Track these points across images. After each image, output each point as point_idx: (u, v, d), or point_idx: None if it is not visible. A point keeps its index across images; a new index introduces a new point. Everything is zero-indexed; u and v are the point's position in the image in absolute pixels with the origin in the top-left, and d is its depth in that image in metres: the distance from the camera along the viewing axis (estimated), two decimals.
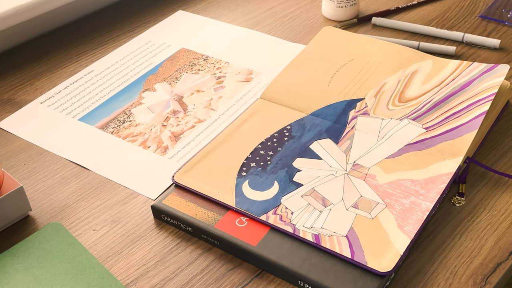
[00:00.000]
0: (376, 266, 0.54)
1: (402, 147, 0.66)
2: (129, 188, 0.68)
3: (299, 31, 0.92)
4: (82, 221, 0.64)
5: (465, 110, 0.68)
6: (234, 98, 0.80)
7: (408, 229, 0.57)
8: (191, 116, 0.77)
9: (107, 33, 0.95)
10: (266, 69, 0.84)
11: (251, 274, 0.58)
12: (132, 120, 0.77)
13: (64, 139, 0.75)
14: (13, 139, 0.76)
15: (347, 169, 0.64)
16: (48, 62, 0.90)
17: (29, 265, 0.59)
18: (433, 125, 0.68)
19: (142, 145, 0.73)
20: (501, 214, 0.61)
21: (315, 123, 0.70)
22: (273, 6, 0.99)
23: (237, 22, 0.96)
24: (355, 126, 0.69)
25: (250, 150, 0.67)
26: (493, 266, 0.56)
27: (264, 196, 0.62)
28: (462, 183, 0.64)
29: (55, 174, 0.70)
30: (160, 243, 0.61)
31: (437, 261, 0.57)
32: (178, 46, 0.91)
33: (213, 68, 0.86)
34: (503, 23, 0.89)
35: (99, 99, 0.82)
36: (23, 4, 0.87)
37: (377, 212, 0.59)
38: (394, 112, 0.71)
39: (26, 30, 0.93)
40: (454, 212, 0.62)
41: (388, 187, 0.62)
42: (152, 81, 0.84)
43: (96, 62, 0.89)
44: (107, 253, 0.61)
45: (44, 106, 0.81)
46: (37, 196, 0.68)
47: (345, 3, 0.92)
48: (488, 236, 0.59)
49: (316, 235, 0.57)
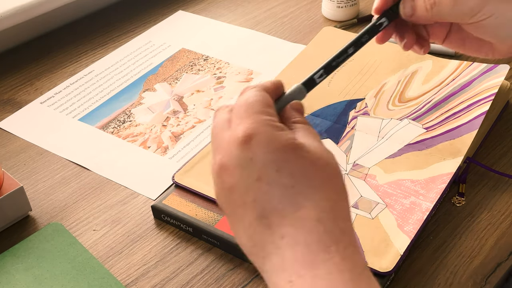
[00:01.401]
0: (376, 266, 0.54)
1: (402, 147, 0.66)
2: (129, 188, 0.68)
3: (299, 31, 0.92)
4: (82, 221, 0.64)
5: (465, 110, 0.68)
6: (234, 98, 0.79)
7: (408, 229, 0.57)
8: (191, 116, 0.77)
9: (107, 33, 0.95)
10: (266, 69, 0.84)
11: (251, 274, 0.58)
12: (132, 120, 0.77)
13: (64, 139, 0.75)
14: (13, 139, 0.76)
15: (347, 169, 0.64)
16: (48, 62, 0.90)
17: (29, 265, 0.59)
18: (433, 125, 0.68)
19: (142, 145, 0.73)
20: (501, 214, 0.61)
21: (315, 123, 0.70)
22: (273, 6, 0.99)
23: (237, 22, 0.96)
24: (355, 126, 0.69)
25: None
26: (493, 266, 0.56)
27: None
28: (462, 183, 0.64)
29: (55, 174, 0.70)
30: (160, 243, 0.61)
31: (437, 261, 0.57)
32: (178, 46, 0.91)
33: (213, 68, 0.86)
34: None
35: (99, 99, 0.82)
36: (23, 4, 0.87)
37: (377, 212, 0.59)
38: (394, 112, 0.71)
39: (26, 30, 0.93)
40: (454, 212, 0.62)
41: (388, 187, 0.62)
42: (152, 81, 0.84)
43: (96, 62, 0.89)
44: (107, 253, 0.61)
45: (44, 106, 0.81)
46: (37, 196, 0.68)
47: (345, 3, 0.92)
48: (488, 236, 0.59)
49: None
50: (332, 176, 0.41)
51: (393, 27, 0.57)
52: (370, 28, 0.55)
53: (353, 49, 0.54)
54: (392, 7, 0.56)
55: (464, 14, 0.55)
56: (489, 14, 0.54)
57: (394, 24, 0.57)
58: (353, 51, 0.53)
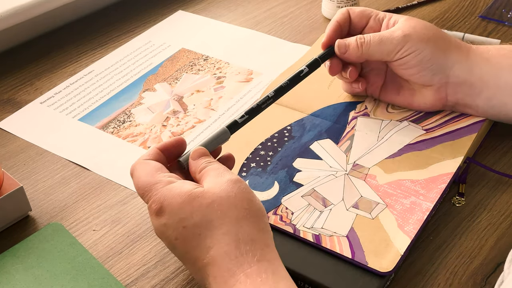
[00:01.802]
0: (377, 266, 0.54)
1: (402, 147, 0.66)
2: (129, 188, 0.68)
3: (299, 31, 0.92)
4: (82, 221, 0.64)
5: (464, 115, 0.68)
6: (234, 98, 0.80)
7: (408, 229, 0.57)
8: (191, 116, 0.77)
9: (107, 33, 0.95)
10: (266, 70, 0.84)
11: None
12: (132, 120, 0.77)
13: (64, 139, 0.75)
14: (13, 139, 0.76)
15: (347, 169, 0.64)
16: (48, 62, 0.90)
17: (29, 265, 0.59)
18: (433, 127, 0.68)
19: (142, 145, 0.73)
20: (501, 214, 0.61)
21: (315, 123, 0.70)
22: (273, 6, 0.99)
23: (237, 22, 0.96)
24: (355, 127, 0.69)
25: (250, 150, 0.67)
26: (493, 266, 0.56)
27: (265, 196, 0.62)
28: (462, 183, 0.64)
29: (55, 174, 0.70)
30: (160, 243, 0.61)
31: (437, 261, 0.57)
32: (178, 46, 0.91)
33: (213, 68, 0.86)
34: (503, 23, 0.89)
35: (99, 99, 0.82)
36: (23, 4, 0.87)
37: (377, 212, 0.59)
38: (393, 115, 0.71)
39: (26, 30, 0.93)
40: (454, 212, 0.62)
41: (388, 187, 0.62)
42: (152, 81, 0.84)
43: (96, 62, 0.89)
44: (107, 253, 0.61)
45: (44, 106, 0.81)
46: (37, 196, 0.68)
47: (345, 3, 0.92)
48: (488, 236, 0.59)
49: (317, 235, 0.57)
50: (227, 209, 0.49)
51: (338, 65, 0.69)
52: (293, 76, 0.67)
53: (273, 93, 0.65)
54: (330, 47, 0.69)
55: (389, 51, 0.65)
56: (410, 51, 0.65)
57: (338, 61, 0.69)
58: (273, 95, 0.64)
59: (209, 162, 0.54)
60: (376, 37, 0.65)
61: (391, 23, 0.68)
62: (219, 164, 0.54)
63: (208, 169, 0.53)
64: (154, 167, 0.53)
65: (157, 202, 0.50)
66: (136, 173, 0.54)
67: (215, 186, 0.50)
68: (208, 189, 0.50)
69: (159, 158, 0.55)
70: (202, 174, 0.53)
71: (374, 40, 0.65)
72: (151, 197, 0.51)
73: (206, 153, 0.56)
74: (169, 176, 0.52)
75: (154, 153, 0.55)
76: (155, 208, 0.50)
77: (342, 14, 0.69)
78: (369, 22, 0.69)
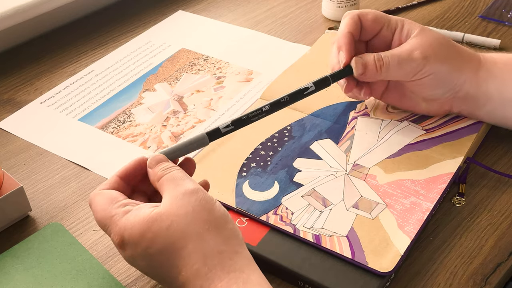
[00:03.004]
0: (377, 266, 0.54)
1: (403, 147, 0.66)
2: None
3: (299, 31, 0.92)
4: (82, 221, 0.64)
5: (463, 116, 0.69)
6: (234, 98, 0.80)
7: (408, 229, 0.57)
8: (191, 116, 0.77)
9: (107, 33, 0.95)
10: (266, 69, 0.84)
11: None
12: (132, 120, 0.77)
13: (64, 139, 0.75)
14: (13, 139, 0.76)
15: (347, 169, 0.64)
16: (48, 62, 0.90)
17: (29, 265, 0.59)
18: (433, 127, 0.68)
19: (142, 145, 0.73)
20: (501, 214, 0.61)
21: (315, 123, 0.70)
22: (273, 6, 0.99)
23: (237, 22, 0.96)
24: (355, 127, 0.69)
25: (250, 150, 0.67)
26: (493, 267, 0.56)
27: (265, 196, 0.62)
28: (462, 183, 0.64)
29: (55, 174, 0.70)
30: None
31: (437, 261, 0.57)
32: (178, 46, 0.91)
33: (213, 68, 0.86)
34: (503, 23, 0.89)
35: (99, 99, 0.82)
36: (23, 4, 0.87)
37: (377, 212, 0.59)
38: (393, 115, 0.71)
39: (26, 30, 0.93)
40: (454, 212, 0.62)
41: (388, 187, 0.62)
42: (152, 81, 0.84)
43: (96, 62, 0.89)
44: (107, 253, 0.61)
45: (44, 106, 0.81)
46: (37, 196, 0.68)
47: (345, 3, 0.92)
48: (488, 236, 0.59)
49: (317, 235, 0.57)
50: (187, 227, 0.49)
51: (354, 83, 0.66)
52: (294, 92, 0.63)
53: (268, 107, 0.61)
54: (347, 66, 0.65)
55: (407, 74, 0.64)
56: (428, 73, 0.63)
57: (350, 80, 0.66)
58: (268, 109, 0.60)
59: (166, 169, 0.53)
60: (395, 59, 0.63)
61: (404, 35, 0.65)
62: (177, 171, 0.53)
63: (165, 179, 0.52)
64: (108, 198, 0.52)
65: (118, 235, 0.50)
66: (93, 207, 0.53)
67: (172, 203, 0.50)
68: (165, 209, 0.49)
69: (117, 186, 0.54)
70: (160, 184, 0.52)
71: (394, 63, 0.63)
72: (111, 231, 0.51)
73: (164, 159, 0.54)
74: (125, 205, 0.51)
75: (111, 182, 0.54)
76: (117, 241, 0.50)
77: (354, 22, 0.65)
78: (381, 30, 0.66)
